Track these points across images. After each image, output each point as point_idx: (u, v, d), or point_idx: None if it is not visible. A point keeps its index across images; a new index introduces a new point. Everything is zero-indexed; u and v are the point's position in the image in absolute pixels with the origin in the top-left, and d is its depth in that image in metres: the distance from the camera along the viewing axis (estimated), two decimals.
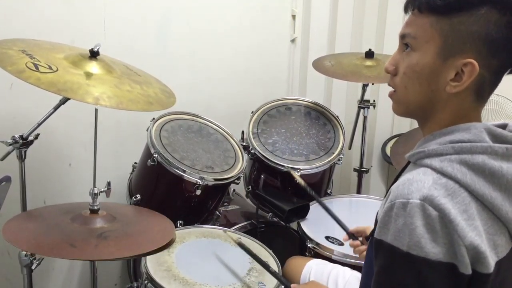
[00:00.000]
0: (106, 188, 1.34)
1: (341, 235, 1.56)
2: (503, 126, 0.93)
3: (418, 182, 0.84)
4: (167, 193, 1.76)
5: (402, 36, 0.93)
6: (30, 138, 1.39)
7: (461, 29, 0.85)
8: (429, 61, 0.88)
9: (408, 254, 0.82)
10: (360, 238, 1.45)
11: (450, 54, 0.86)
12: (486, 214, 0.85)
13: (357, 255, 1.48)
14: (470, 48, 0.85)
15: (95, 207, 1.30)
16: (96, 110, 1.25)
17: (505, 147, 0.86)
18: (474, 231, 0.82)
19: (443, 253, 0.81)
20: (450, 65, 0.87)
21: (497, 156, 0.85)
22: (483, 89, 0.89)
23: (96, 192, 1.30)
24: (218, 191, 1.78)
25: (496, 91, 0.92)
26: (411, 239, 0.82)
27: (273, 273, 1.40)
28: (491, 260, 0.84)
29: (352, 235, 1.46)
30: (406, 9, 0.91)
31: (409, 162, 0.96)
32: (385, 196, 0.93)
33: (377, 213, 0.95)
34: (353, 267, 1.52)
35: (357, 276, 1.43)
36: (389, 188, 0.92)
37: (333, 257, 1.62)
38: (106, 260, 1.19)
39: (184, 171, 1.65)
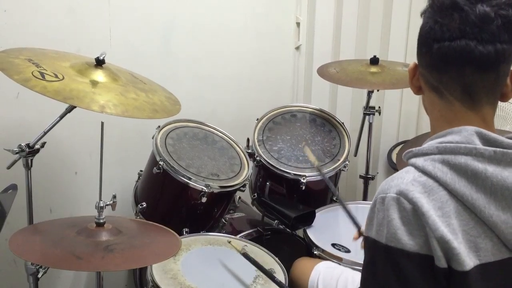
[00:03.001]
0: (111, 201, 1.33)
1: (348, 242, 1.55)
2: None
3: (399, 179, 0.89)
4: (173, 201, 1.76)
5: None
6: (37, 146, 1.39)
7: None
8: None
9: (387, 246, 0.86)
10: None
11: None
12: (468, 215, 0.86)
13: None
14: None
15: (101, 221, 1.28)
16: (102, 123, 1.24)
17: (493, 150, 0.86)
18: (447, 228, 0.83)
19: (420, 245, 0.84)
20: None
21: (483, 159, 0.85)
22: (433, 85, 0.93)
23: (102, 205, 1.29)
24: (224, 199, 1.78)
25: None
26: (388, 231, 0.85)
27: (278, 283, 1.39)
28: (467, 259, 0.84)
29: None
30: None
31: None
32: None
33: None
34: None
35: None
36: None
37: (340, 264, 1.60)
38: (113, 271, 1.19)
39: (189, 179, 1.65)
